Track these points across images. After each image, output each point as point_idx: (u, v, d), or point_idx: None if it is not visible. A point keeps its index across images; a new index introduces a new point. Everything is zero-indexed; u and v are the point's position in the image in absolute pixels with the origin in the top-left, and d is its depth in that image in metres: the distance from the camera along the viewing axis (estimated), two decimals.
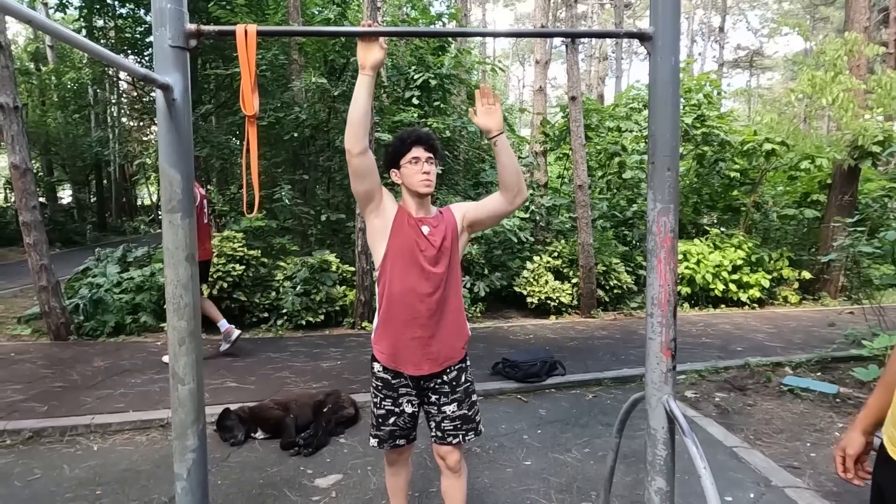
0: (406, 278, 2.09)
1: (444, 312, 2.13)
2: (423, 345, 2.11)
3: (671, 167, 2.00)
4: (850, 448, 1.57)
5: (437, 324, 2.12)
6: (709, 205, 10.21)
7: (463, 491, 2.32)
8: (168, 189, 1.78)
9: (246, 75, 1.80)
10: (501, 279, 7.58)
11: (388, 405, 2.20)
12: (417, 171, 2.12)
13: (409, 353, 2.12)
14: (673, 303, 2.00)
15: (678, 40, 2.01)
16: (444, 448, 2.22)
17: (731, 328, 6.86)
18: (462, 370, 2.23)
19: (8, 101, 5.38)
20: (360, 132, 1.98)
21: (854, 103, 7.98)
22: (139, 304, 6.29)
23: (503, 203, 2.16)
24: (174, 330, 1.79)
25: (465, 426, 2.20)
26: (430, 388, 2.19)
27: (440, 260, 2.12)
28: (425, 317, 2.09)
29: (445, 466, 2.27)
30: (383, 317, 2.15)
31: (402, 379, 2.18)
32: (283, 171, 9.11)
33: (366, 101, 1.96)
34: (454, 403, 2.19)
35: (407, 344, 2.11)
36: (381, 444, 2.23)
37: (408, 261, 2.09)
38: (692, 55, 32.40)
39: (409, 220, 2.12)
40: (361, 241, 6.50)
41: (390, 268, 2.11)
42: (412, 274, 2.09)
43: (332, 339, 6.12)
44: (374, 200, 2.11)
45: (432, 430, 2.24)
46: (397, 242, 2.10)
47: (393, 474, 2.38)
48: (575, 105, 7.18)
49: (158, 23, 1.76)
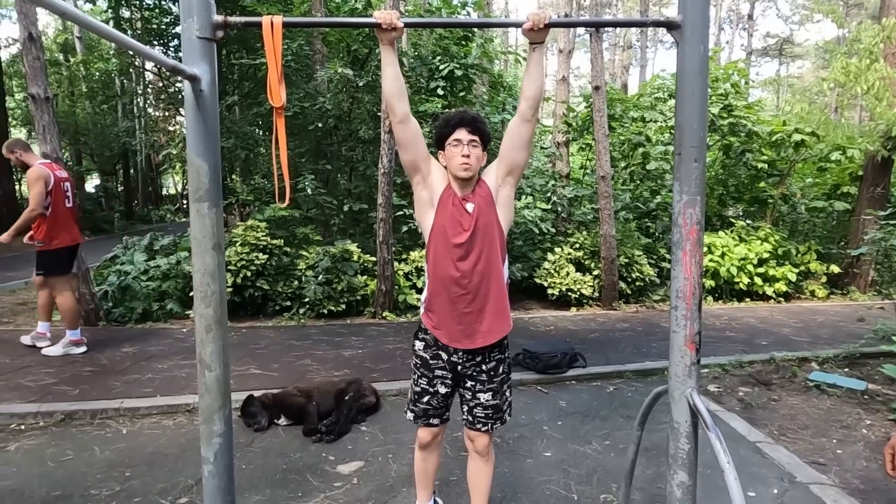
0: (448, 256, 2.13)
1: (488, 289, 2.15)
2: (472, 321, 2.15)
3: (698, 158, 1.98)
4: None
5: (483, 300, 2.15)
6: (735, 196, 10.02)
7: (489, 476, 2.37)
8: (195, 179, 1.80)
9: (273, 66, 1.82)
10: (522, 270, 7.56)
11: (424, 384, 2.27)
12: (458, 153, 2.13)
13: (459, 327, 2.15)
14: (698, 296, 1.98)
15: (707, 28, 1.98)
16: (473, 433, 2.29)
17: (755, 322, 6.76)
18: (501, 361, 2.26)
19: (39, 91, 5.49)
20: (394, 99, 2.07)
21: (889, 92, 7.73)
22: (165, 292, 6.41)
23: (519, 120, 2.14)
24: (201, 317, 1.82)
25: (496, 415, 2.26)
26: (468, 375, 2.23)
27: (478, 236, 2.13)
28: (470, 294, 2.13)
29: (473, 449, 2.32)
30: (431, 291, 2.21)
31: (440, 361, 2.24)
32: (307, 161, 9.17)
33: (391, 70, 2.03)
34: (489, 392, 2.23)
35: (458, 319, 2.15)
36: (416, 419, 2.32)
37: (450, 241, 2.12)
38: (720, 44, 31.71)
39: (454, 200, 2.15)
40: (383, 231, 6.52)
41: (434, 245, 2.16)
42: (454, 252, 2.12)
43: (354, 327, 6.18)
44: (419, 171, 2.16)
45: (464, 412, 2.30)
46: (441, 221, 2.14)
47: (423, 458, 2.42)
48: (598, 95, 7.09)
49: (186, 14, 1.78)
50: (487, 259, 2.14)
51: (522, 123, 2.15)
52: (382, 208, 6.51)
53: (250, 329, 6.03)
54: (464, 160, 2.12)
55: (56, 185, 4.79)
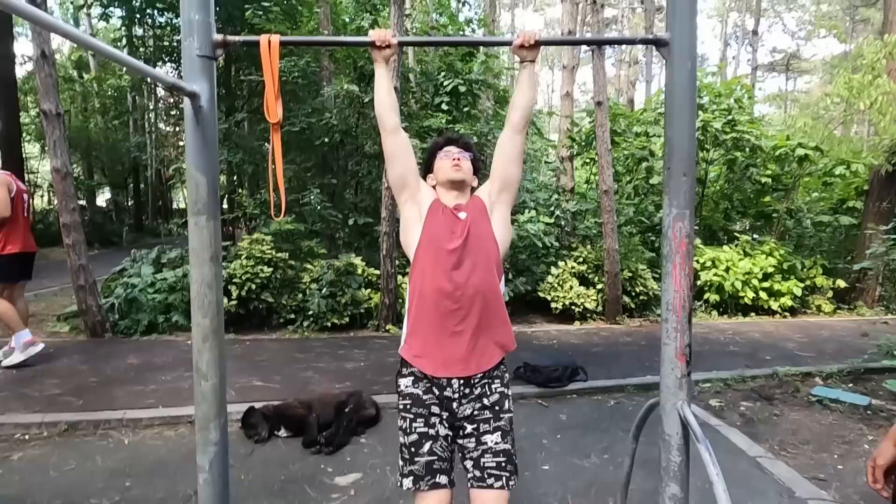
0: (439, 267, 1.90)
1: (484, 304, 1.90)
2: (466, 342, 1.87)
3: (687, 172, 2.00)
4: (880, 458, 1.55)
5: (478, 317, 1.88)
6: (740, 211, 10.02)
7: None
8: (194, 192, 1.85)
9: (270, 83, 1.87)
10: (526, 284, 7.57)
11: (420, 426, 1.86)
12: (448, 159, 2.09)
13: (449, 350, 1.87)
14: (688, 308, 2.00)
15: (695, 46, 2.01)
16: (486, 493, 1.83)
17: (760, 336, 6.72)
18: (504, 396, 1.94)
19: (51, 107, 5.62)
20: (386, 110, 2.06)
21: (893, 107, 7.75)
22: (171, 304, 6.48)
23: (510, 132, 2.08)
24: (198, 326, 1.86)
25: (510, 465, 1.86)
26: (468, 417, 1.89)
27: (472, 244, 1.95)
28: (463, 310, 1.87)
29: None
30: (415, 314, 1.93)
31: (433, 396, 1.90)
32: (313, 175, 9.28)
33: (385, 83, 2.05)
34: (498, 433, 1.87)
35: (447, 341, 1.87)
36: (418, 481, 1.82)
37: (442, 249, 1.92)
38: (725, 59, 31.82)
39: (445, 209, 2.01)
40: (387, 244, 6.57)
41: (422, 258, 1.95)
42: (447, 261, 1.90)
43: (357, 340, 6.21)
44: (408, 186, 2.04)
45: (469, 470, 1.87)
46: (431, 229, 1.96)
47: None
48: (601, 110, 7.15)
49: (187, 33, 1.85)
50: (483, 271, 1.91)
51: (513, 135, 2.07)
52: (386, 222, 6.57)
53: (254, 341, 6.08)
54: (454, 162, 2.08)
55: (17, 195, 4.92)
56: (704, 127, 8.18)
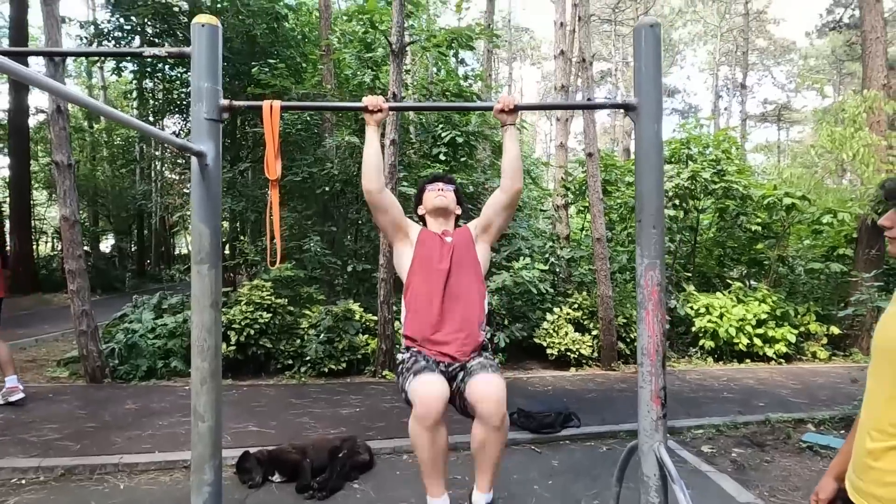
0: (431, 278, 2.40)
1: (465, 307, 2.41)
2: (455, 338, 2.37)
3: (656, 225, 2.16)
4: (822, 493, 1.65)
5: (458, 318, 2.39)
6: (734, 258, 10.17)
7: (500, 448, 2.23)
8: (198, 242, 2.01)
9: (270, 144, 2.06)
10: (522, 330, 7.65)
11: (422, 363, 2.32)
12: (434, 190, 2.61)
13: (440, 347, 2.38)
14: (661, 353, 2.11)
15: (661, 110, 2.21)
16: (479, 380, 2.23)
17: (754, 383, 6.75)
18: (487, 358, 2.44)
19: (63, 158, 5.85)
20: (374, 173, 2.40)
21: (875, 158, 8.01)
22: (171, 350, 6.55)
23: (501, 192, 2.47)
24: (197, 370, 1.98)
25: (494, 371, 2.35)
26: (460, 370, 2.39)
27: (460, 263, 2.45)
28: (448, 311, 2.38)
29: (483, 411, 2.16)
30: (411, 318, 2.44)
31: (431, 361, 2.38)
32: (314, 223, 9.49)
33: (375, 145, 2.41)
34: (484, 370, 2.33)
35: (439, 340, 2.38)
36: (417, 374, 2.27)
37: (432, 264, 2.43)
38: (718, 110, 32.69)
39: (432, 235, 2.53)
40: (384, 290, 6.69)
41: (415, 273, 2.45)
42: (435, 273, 2.41)
43: (353, 386, 6.25)
44: (401, 228, 2.51)
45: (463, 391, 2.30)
46: (422, 251, 2.47)
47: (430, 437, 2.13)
48: (592, 161, 7.40)
49: (197, 98, 2.04)
50: (469, 283, 2.44)
51: (501, 194, 2.49)
52: (384, 269, 6.71)
53: (251, 387, 6.12)
54: (439, 192, 2.58)
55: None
56: (694, 177, 8.42)
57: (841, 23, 23.93)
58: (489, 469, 2.26)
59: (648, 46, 2.08)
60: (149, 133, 1.74)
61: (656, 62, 2.10)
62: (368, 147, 2.37)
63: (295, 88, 9.27)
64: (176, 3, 11.29)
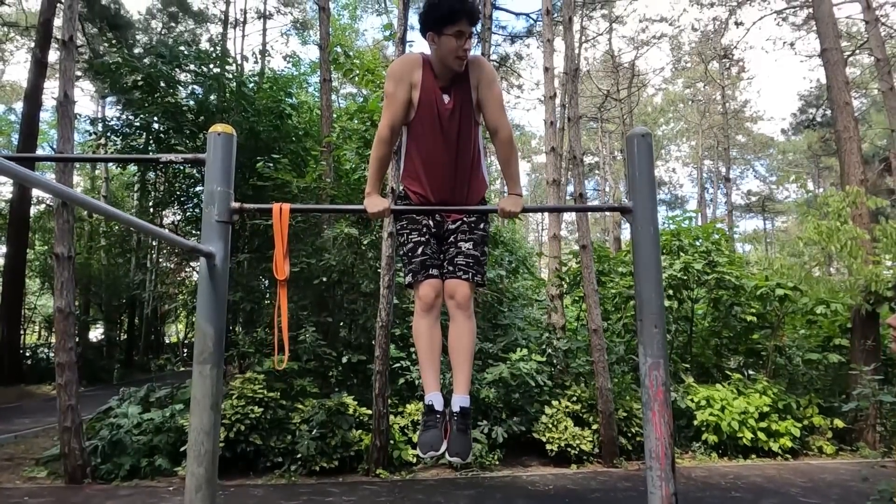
0: (427, 136, 2.34)
1: (463, 163, 2.38)
2: (455, 185, 2.39)
3: (658, 324, 2.18)
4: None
5: (456, 173, 2.38)
6: (731, 348, 10.12)
7: (470, 336, 2.36)
8: (201, 342, 2.01)
9: (279, 244, 2.11)
10: (520, 424, 7.44)
11: (415, 237, 2.40)
12: (459, 47, 2.17)
13: (447, 189, 2.39)
14: (671, 455, 2.07)
15: (656, 212, 2.30)
16: (455, 281, 2.36)
17: (762, 481, 6.51)
18: (481, 219, 2.46)
19: (64, 251, 5.92)
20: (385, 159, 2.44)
21: (863, 250, 8.21)
22: (156, 447, 6.30)
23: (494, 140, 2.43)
24: (192, 476, 1.92)
25: (476, 266, 2.38)
26: (451, 230, 2.43)
27: (455, 120, 2.33)
28: (447, 168, 2.36)
29: (455, 305, 2.35)
30: (409, 162, 2.43)
31: (424, 219, 2.43)
32: (309, 313, 9.44)
33: None
34: (470, 242, 2.39)
35: (442, 183, 2.39)
36: (416, 275, 2.38)
37: (429, 122, 2.32)
38: (704, 201, 33.72)
39: (436, 92, 2.31)
40: (379, 383, 6.57)
41: (420, 120, 2.34)
42: (434, 131, 2.32)
43: (346, 486, 5.97)
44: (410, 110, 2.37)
45: (445, 267, 2.40)
46: (422, 111, 2.32)
47: (427, 327, 2.37)
48: (585, 253, 7.54)
49: (208, 201, 2.12)
50: (469, 134, 2.37)
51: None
52: (380, 360, 6.62)
53: (239, 488, 5.85)
54: (464, 54, 2.19)
55: None
56: (686, 268, 8.55)
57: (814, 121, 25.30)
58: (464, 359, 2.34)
59: (641, 153, 2.21)
60: (161, 236, 1.80)
61: (649, 168, 2.22)
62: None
63: (296, 182, 9.53)
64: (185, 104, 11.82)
